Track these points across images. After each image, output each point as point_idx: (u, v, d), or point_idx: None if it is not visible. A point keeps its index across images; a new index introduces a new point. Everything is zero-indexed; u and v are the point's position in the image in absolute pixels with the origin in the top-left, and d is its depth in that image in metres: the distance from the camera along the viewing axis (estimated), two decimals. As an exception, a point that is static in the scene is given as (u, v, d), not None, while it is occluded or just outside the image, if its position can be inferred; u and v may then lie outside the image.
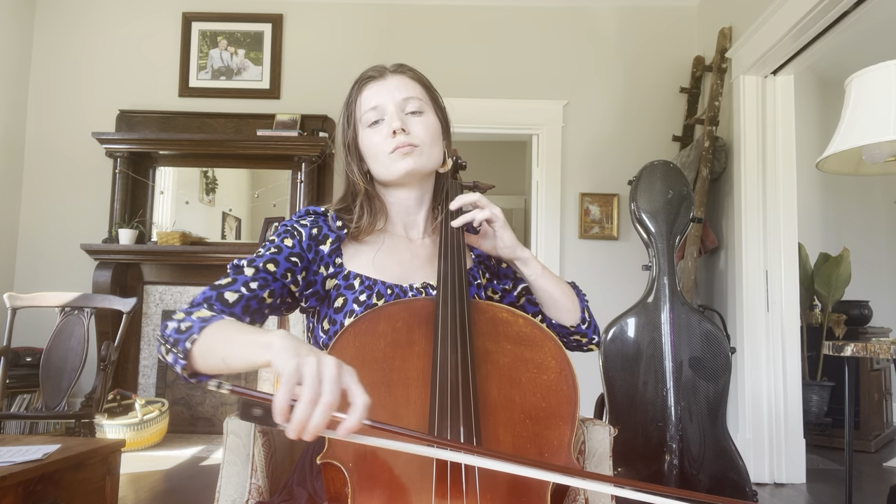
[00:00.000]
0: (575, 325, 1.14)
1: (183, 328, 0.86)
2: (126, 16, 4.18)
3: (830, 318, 4.20)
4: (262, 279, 0.98)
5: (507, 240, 1.08)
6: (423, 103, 1.10)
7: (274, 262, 1.00)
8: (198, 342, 0.84)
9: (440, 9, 4.14)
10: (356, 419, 0.67)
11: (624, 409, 2.51)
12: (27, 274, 4.01)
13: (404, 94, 1.08)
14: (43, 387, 2.64)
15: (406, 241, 1.14)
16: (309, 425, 0.66)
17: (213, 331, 0.85)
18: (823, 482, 3.16)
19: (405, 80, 1.10)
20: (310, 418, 0.66)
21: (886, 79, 1.84)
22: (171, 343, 0.87)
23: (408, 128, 1.06)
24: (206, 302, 0.94)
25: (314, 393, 0.66)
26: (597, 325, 1.18)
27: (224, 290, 0.95)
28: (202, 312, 0.90)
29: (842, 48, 3.63)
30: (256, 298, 0.97)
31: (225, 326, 0.86)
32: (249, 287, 0.97)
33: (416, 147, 1.07)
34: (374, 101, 1.08)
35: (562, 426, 0.87)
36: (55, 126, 4.10)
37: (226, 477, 1.16)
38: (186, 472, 3.05)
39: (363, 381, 0.86)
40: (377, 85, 1.09)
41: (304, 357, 0.69)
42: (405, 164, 1.06)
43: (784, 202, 3.26)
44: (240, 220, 4.23)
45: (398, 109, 1.07)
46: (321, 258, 1.06)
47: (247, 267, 0.99)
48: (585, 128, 4.07)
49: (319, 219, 1.09)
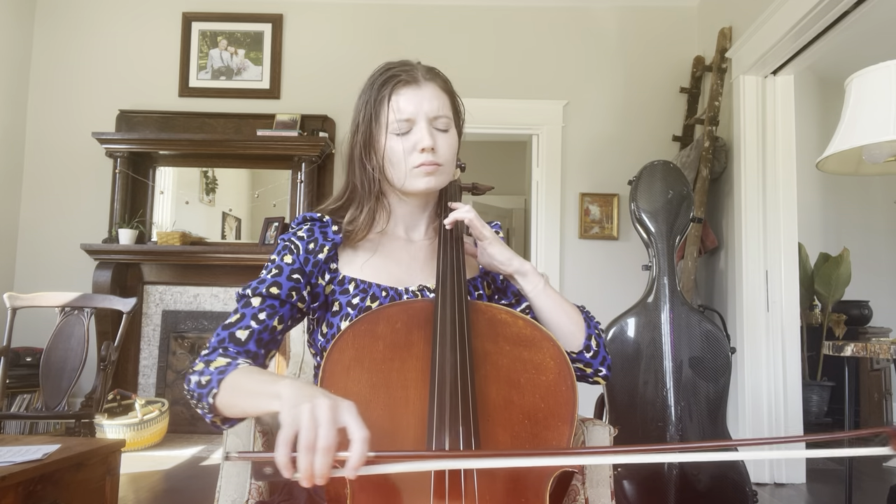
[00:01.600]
0: (577, 352, 1.05)
1: (203, 382, 0.89)
2: (126, 16, 4.18)
3: (830, 318, 4.20)
4: (270, 307, 0.99)
5: (499, 255, 1.05)
6: (450, 120, 1.07)
7: (277, 286, 1.01)
8: (218, 396, 0.87)
9: (440, 9, 4.14)
10: (358, 455, 0.68)
11: (624, 409, 2.51)
12: (27, 274, 4.01)
13: (437, 109, 1.05)
14: (43, 387, 2.64)
15: (405, 243, 1.14)
16: (315, 472, 0.67)
17: (229, 382, 0.87)
18: (823, 482, 3.16)
19: (438, 91, 1.06)
20: (313, 465, 0.67)
21: (886, 79, 1.84)
22: (196, 399, 0.91)
23: (436, 146, 1.04)
24: (221, 346, 0.96)
25: (310, 440, 0.67)
26: (607, 357, 1.08)
27: (235, 328, 0.97)
28: (219, 361, 0.91)
29: (842, 48, 3.62)
30: (267, 330, 0.99)
31: (240, 376, 0.87)
32: (259, 319, 0.98)
33: (440, 167, 1.05)
34: (408, 112, 1.03)
35: (561, 427, 0.87)
36: (55, 126, 4.10)
37: (226, 477, 1.16)
38: (186, 472, 3.05)
39: (362, 382, 0.86)
40: (411, 92, 1.04)
41: (299, 406, 0.70)
42: (426, 182, 1.05)
43: (784, 202, 3.26)
44: (240, 220, 4.23)
45: (428, 124, 1.04)
46: (319, 268, 1.06)
47: (252, 297, 1.00)
48: (585, 128, 4.07)
49: (316, 226, 1.09)
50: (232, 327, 0.97)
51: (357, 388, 0.86)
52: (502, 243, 1.07)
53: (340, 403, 0.71)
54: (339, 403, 0.71)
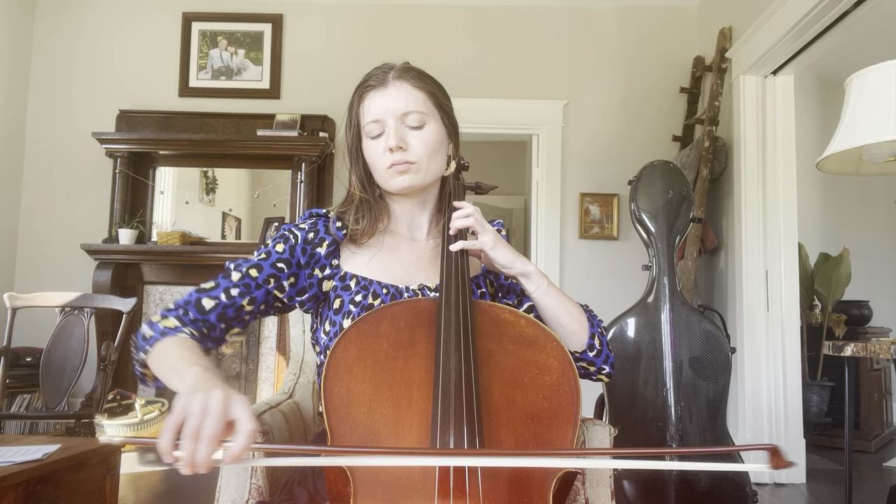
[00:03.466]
0: (580, 352, 1.07)
1: (147, 336, 0.96)
2: (126, 16, 4.17)
3: (830, 318, 4.20)
4: (244, 286, 1.02)
5: (501, 258, 1.03)
6: (425, 115, 1.06)
7: (258, 268, 1.03)
8: (150, 354, 0.94)
9: (440, 9, 4.14)
10: (240, 446, 0.69)
11: (624, 409, 2.51)
12: (27, 274, 4.01)
13: (404, 107, 1.05)
14: (43, 387, 2.64)
15: (409, 242, 1.14)
16: (195, 460, 0.68)
17: (161, 347, 0.93)
18: (823, 482, 3.16)
19: (408, 89, 1.06)
20: (194, 453, 0.68)
21: (886, 79, 1.84)
22: (135, 347, 0.98)
23: (406, 144, 1.04)
24: (184, 307, 1.00)
25: (194, 428, 0.68)
26: (610, 354, 1.10)
27: (204, 295, 1.01)
28: (169, 322, 0.97)
29: (842, 48, 3.62)
30: (234, 307, 1.01)
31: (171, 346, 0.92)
32: (230, 294, 1.01)
33: (413, 164, 1.05)
34: (375, 114, 1.05)
35: (564, 427, 0.87)
36: (55, 126, 4.10)
37: (226, 477, 1.16)
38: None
39: (366, 381, 0.86)
40: (378, 95, 1.06)
41: (192, 395, 0.71)
42: (401, 181, 1.06)
43: (784, 202, 3.26)
44: (240, 220, 4.23)
45: (398, 123, 1.05)
46: (317, 260, 1.07)
47: (233, 271, 1.03)
48: (585, 128, 4.07)
49: (319, 221, 1.10)
50: (202, 293, 1.01)
51: (360, 387, 0.86)
52: (506, 245, 1.05)
53: (234, 396, 0.72)
54: (231, 396, 0.72)
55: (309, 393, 1.44)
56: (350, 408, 0.84)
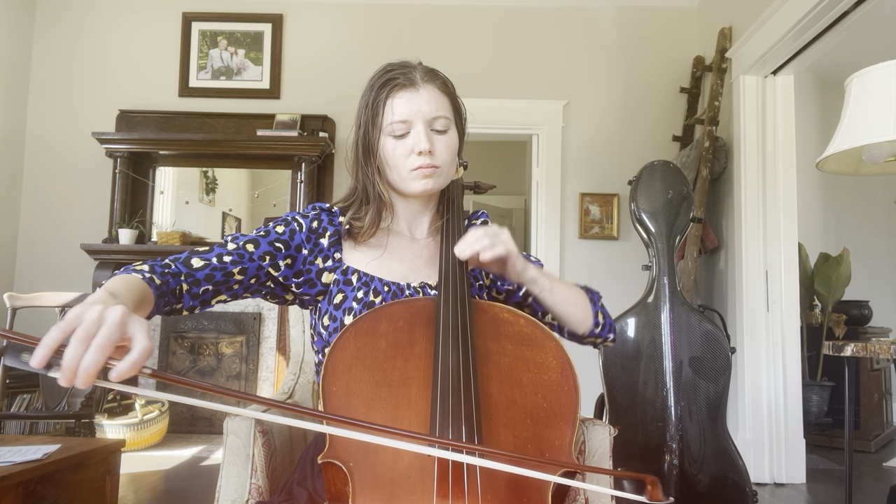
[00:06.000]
0: (587, 333, 1.13)
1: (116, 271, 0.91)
2: (126, 16, 4.18)
3: (830, 318, 4.20)
4: (238, 255, 1.01)
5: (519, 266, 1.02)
6: (450, 121, 1.07)
7: (254, 244, 1.03)
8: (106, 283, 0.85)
9: (440, 9, 4.14)
10: (130, 363, 0.63)
11: (624, 409, 2.51)
12: (27, 274, 4.01)
13: (434, 111, 1.04)
14: (43, 387, 2.64)
15: (409, 240, 1.14)
16: (80, 367, 0.61)
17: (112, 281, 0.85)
18: (823, 482, 3.16)
19: (436, 93, 1.06)
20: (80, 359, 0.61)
21: (886, 79, 1.84)
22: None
23: (434, 148, 1.04)
24: (173, 261, 0.97)
25: (88, 332, 0.63)
26: (611, 322, 1.16)
27: (195, 255, 0.99)
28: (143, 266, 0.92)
29: (842, 48, 3.62)
30: (223, 271, 0.99)
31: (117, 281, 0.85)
32: (222, 259, 1.00)
33: (438, 169, 1.05)
34: (405, 115, 1.03)
35: (563, 426, 0.87)
36: (55, 126, 4.10)
37: (226, 477, 1.16)
38: (186, 472, 3.05)
39: (364, 381, 0.86)
40: (409, 95, 1.04)
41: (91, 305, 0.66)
42: (424, 184, 1.05)
43: (784, 202, 3.26)
44: (240, 220, 4.23)
45: (425, 126, 1.04)
46: (319, 250, 1.07)
47: (230, 242, 1.03)
48: (585, 128, 4.07)
49: (323, 213, 1.11)
50: (195, 254, 1.00)
51: (359, 387, 0.86)
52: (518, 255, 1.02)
53: (135, 316, 0.67)
54: (133, 315, 0.67)
55: (309, 393, 1.44)
56: (349, 407, 0.84)
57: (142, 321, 0.67)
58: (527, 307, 1.18)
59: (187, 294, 0.96)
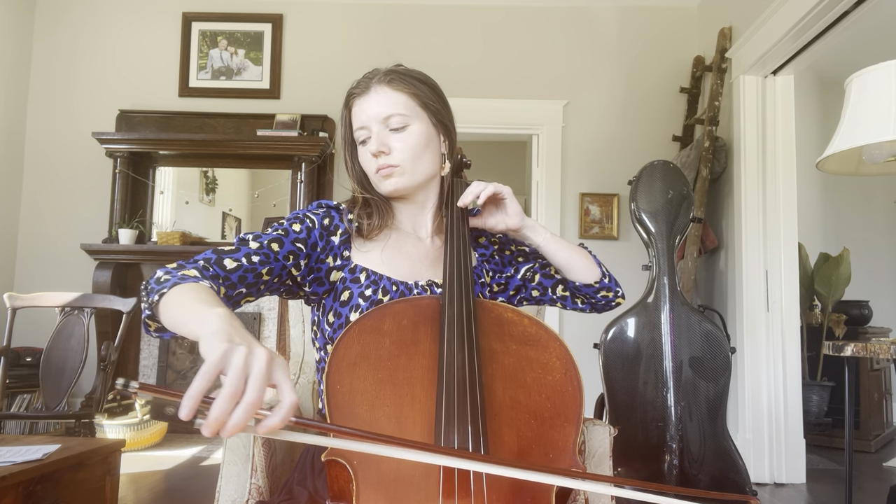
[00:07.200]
0: (598, 281, 1.16)
1: (162, 279, 0.85)
2: (126, 16, 4.17)
3: (830, 318, 4.20)
4: (264, 255, 0.98)
5: (515, 208, 1.10)
6: (407, 117, 1.07)
7: (279, 243, 1.00)
8: (165, 297, 0.81)
9: (440, 9, 4.14)
10: (280, 419, 0.62)
11: (624, 409, 2.51)
12: (27, 274, 4.01)
13: (385, 111, 1.06)
14: (43, 387, 2.64)
15: (415, 239, 1.15)
16: (228, 424, 0.59)
17: (180, 291, 0.80)
18: (823, 482, 3.16)
19: (387, 92, 1.07)
20: (229, 416, 0.59)
21: (886, 79, 1.84)
22: (146, 291, 0.86)
23: (388, 147, 1.06)
24: (205, 262, 0.93)
25: (236, 388, 0.60)
26: (615, 278, 1.21)
27: (225, 256, 0.95)
28: (190, 272, 0.88)
29: (842, 48, 3.62)
30: (254, 272, 0.97)
31: (191, 290, 0.81)
32: (251, 259, 0.97)
33: (397, 167, 1.07)
34: (360, 121, 1.08)
35: (567, 427, 0.87)
36: (55, 126, 4.10)
37: (226, 477, 1.16)
38: (186, 472, 3.05)
39: (368, 379, 0.86)
40: (361, 102, 1.08)
41: (234, 345, 0.63)
42: (388, 184, 1.08)
43: (784, 202, 3.26)
44: (240, 220, 4.23)
45: (381, 128, 1.07)
46: (331, 248, 1.07)
47: (252, 241, 0.99)
48: (585, 128, 4.07)
49: (332, 211, 1.11)
50: (223, 254, 0.95)
51: (363, 385, 0.86)
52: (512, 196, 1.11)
53: (277, 358, 0.65)
54: (275, 358, 0.64)
55: (309, 393, 1.44)
56: (352, 405, 0.83)
57: (283, 365, 0.65)
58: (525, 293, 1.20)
59: (224, 298, 0.93)
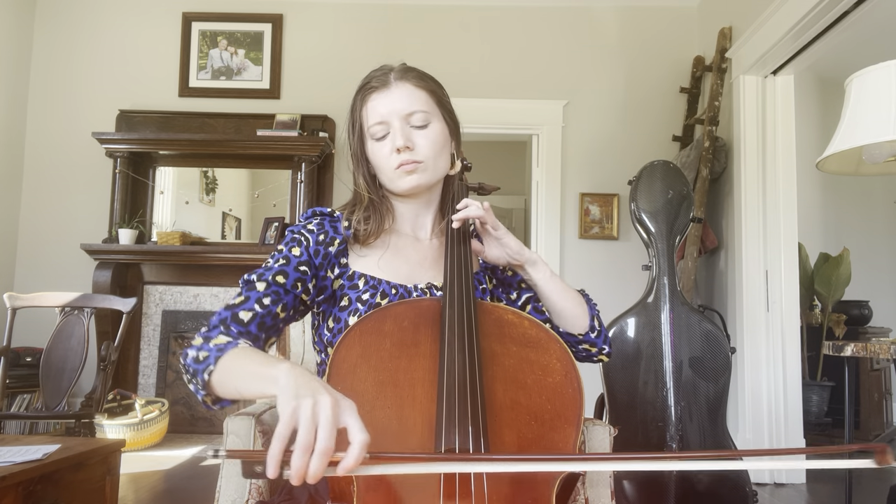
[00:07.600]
0: (583, 334, 1.11)
1: (201, 358, 0.87)
2: (126, 16, 4.17)
3: (830, 318, 4.20)
4: (274, 293, 0.99)
5: (514, 245, 1.06)
6: (429, 114, 1.07)
7: (283, 274, 1.01)
8: (214, 373, 0.85)
9: (440, 9, 4.14)
10: (353, 459, 0.66)
11: (624, 409, 2.51)
12: (27, 274, 4.01)
13: (409, 107, 1.05)
14: (43, 387, 2.64)
15: (414, 241, 1.14)
16: (309, 473, 0.65)
17: (227, 361, 0.85)
18: (823, 482, 3.16)
19: (410, 89, 1.07)
20: (307, 466, 0.65)
21: (886, 79, 1.84)
22: (191, 374, 0.89)
23: (412, 143, 1.05)
24: (223, 324, 0.95)
25: (308, 441, 0.65)
26: (607, 335, 1.15)
27: (238, 309, 0.96)
28: (219, 339, 0.90)
29: (842, 48, 3.62)
30: (270, 315, 0.98)
31: (239, 356, 0.85)
32: (263, 304, 0.97)
33: (421, 163, 1.06)
34: (380, 115, 1.06)
35: (567, 428, 0.87)
36: (55, 126, 4.10)
37: (226, 477, 1.16)
38: (186, 472, 3.05)
39: (369, 380, 0.86)
40: (381, 96, 1.06)
41: (300, 399, 0.67)
42: (410, 181, 1.06)
43: (784, 202, 3.26)
44: (240, 220, 4.22)
45: (403, 124, 1.05)
46: (329, 260, 1.07)
47: (258, 282, 0.99)
48: (585, 128, 4.07)
49: (326, 220, 1.10)
50: (235, 308, 0.97)
51: (363, 386, 0.86)
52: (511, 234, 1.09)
53: (342, 402, 0.69)
54: (341, 402, 0.69)
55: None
56: (353, 407, 0.84)
57: (350, 406, 0.69)
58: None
59: None
